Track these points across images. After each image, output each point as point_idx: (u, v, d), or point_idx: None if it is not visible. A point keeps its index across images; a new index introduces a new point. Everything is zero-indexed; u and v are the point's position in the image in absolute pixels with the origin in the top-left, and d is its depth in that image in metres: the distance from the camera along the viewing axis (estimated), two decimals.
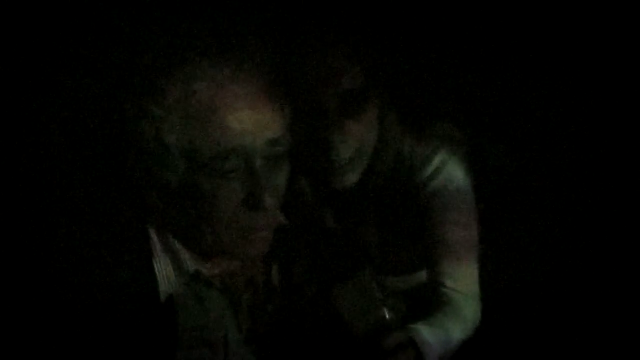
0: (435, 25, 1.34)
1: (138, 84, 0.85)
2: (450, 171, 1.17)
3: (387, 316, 1.03)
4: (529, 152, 1.41)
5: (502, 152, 1.38)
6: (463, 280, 1.15)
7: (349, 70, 1.06)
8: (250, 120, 0.83)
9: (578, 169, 1.39)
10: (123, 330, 0.85)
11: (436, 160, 1.17)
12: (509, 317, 1.36)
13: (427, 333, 1.06)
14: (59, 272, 0.86)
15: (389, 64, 1.12)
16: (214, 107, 0.82)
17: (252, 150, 0.84)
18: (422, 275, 1.33)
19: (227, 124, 0.82)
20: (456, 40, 1.36)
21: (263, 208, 0.85)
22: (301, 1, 1.14)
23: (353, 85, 1.06)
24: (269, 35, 1.08)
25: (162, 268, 0.90)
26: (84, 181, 1.07)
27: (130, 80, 0.88)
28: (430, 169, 1.17)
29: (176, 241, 0.91)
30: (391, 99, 1.14)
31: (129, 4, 1.18)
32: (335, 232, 1.16)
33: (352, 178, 1.13)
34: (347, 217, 1.24)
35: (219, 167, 0.83)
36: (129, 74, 0.90)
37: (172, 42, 0.88)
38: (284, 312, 0.97)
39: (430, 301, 1.16)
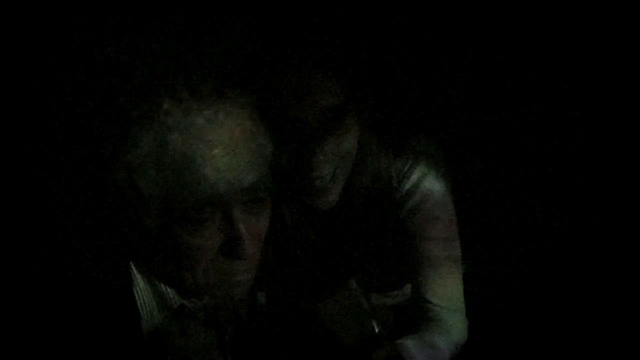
0: (410, 40, 1.35)
1: (113, 131, 0.84)
2: (428, 187, 1.16)
3: (376, 330, 1.03)
4: (508, 164, 1.42)
5: (481, 164, 1.39)
6: (448, 296, 1.15)
7: (329, 87, 1.05)
8: (227, 168, 0.80)
9: (559, 179, 1.40)
10: None
11: (414, 177, 1.16)
12: (496, 331, 1.36)
13: (415, 349, 1.06)
14: (43, 305, 0.85)
15: (366, 80, 1.12)
16: (189, 158, 0.79)
17: (229, 199, 0.81)
18: (408, 290, 1.33)
19: (203, 175, 0.79)
20: (431, 54, 1.37)
21: (243, 255, 0.83)
22: (279, 22, 1.14)
23: (333, 102, 1.05)
24: (245, 58, 1.07)
25: (146, 302, 0.89)
26: (64, 215, 1.06)
27: (106, 127, 0.86)
28: (408, 186, 1.16)
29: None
30: (368, 116, 1.14)
31: (98, 51, 1.18)
32: (317, 249, 1.16)
33: (333, 197, 1.13)
34: (328, 237, 1.24)
35: (194, 217, 0.81)
36: (105, 119, 0.89)
37: (143, 87, 0.85)
38: (271, 337, 0.97)
39: (416, 317, 1.16)
